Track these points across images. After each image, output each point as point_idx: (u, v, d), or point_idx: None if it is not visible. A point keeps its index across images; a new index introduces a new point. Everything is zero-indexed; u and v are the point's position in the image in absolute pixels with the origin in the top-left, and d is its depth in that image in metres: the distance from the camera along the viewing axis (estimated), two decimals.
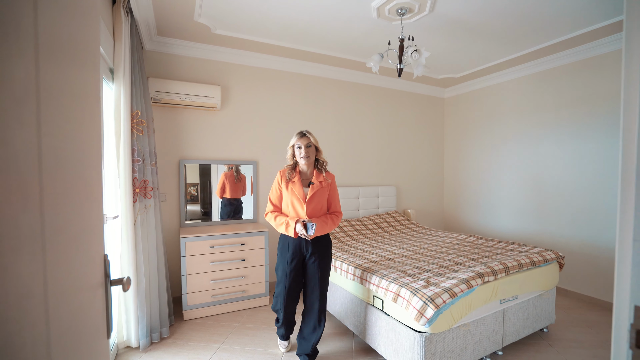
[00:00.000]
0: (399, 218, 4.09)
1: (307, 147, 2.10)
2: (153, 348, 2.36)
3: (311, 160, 2.14)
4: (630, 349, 0.46)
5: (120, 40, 2.23)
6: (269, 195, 2.25)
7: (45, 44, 0.52)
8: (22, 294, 0.45)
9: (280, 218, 2.14)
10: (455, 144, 4.83)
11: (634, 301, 0.47)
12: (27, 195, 0.46)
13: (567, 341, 2.48)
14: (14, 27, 0.43)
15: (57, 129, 0.56)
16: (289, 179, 2.14)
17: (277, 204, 2.22)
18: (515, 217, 3.97)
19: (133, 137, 2.35)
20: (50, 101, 0.54)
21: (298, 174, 2.17)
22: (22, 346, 0.45)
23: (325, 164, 2.22)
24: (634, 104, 0.46)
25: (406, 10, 2.50)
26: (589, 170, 3.25)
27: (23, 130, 0.45)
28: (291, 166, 2.18)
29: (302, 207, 2.10)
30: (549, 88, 3.59)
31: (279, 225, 2.12)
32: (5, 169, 0.41)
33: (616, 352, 0.49)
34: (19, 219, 0.44)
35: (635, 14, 0.47)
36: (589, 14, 2.61)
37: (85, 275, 0.70)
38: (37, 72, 0.49)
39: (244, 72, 3.50)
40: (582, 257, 3.30)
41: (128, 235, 2.22)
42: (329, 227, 2.13)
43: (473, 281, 1.99)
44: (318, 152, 2.18)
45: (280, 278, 2.18)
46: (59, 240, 0.56)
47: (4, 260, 0.41)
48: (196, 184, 3.30)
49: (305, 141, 2.11)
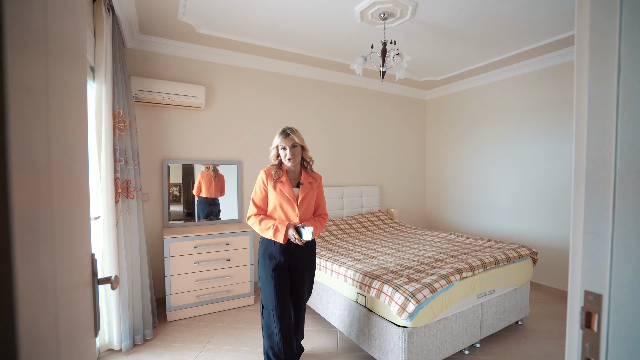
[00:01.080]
0: (382, 217, 4.17)
1: (293, 148, 1.92)
2: (136, 350, 2.33)
3: (297, 161, 1.97)
4: (581, 329, 0.53)
5: (102, 37, 2.20)
6: (252, 196, 2.02)
7: (49, 45, 0.53)
8: (33, 289, 0.46)
9: (266, 222, 1.92)
10: (437, 144, 4.97)
11: (584, 287, 0.53)
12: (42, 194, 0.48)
13: (540, 332, 2.61)
14: (26, 30, 0.45)
15: (53, 129, 0.58)
16: (276, 178, 1.95)
17: (262, 206, 2.00)
18: (493, 216, 4.13)
19: (115, 137, 2.31)
20: (50, 101, 0.55)
21: (285, 173, 1.99)
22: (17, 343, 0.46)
23: (312, 163, 2.07)
24: (583, 112, 0.53)
25: (388, 14, 2.57)
26: (561, 170, 3.43)
27: (39, 132, 0.47)
28: (276, 165, 2.01)
29: (294, 210, 1.93)
30: (526, 91, 3.76)
31: (264, 230, 1.89)
32: (29, 170, 0.43)
33: (570, 331, 0.55)
34: (38, 215, 0.46)
35: (583, 31, 0.53)
36: (563, 23, 2.76)
37: (74, 273, 0.71)
38: (47, 75, 0.50)
39: (228, 72, 3.49)
40: (554, 253, 3.47)
41: (110, 236, 2.19)
42: (318, 231, 1.98)
43: (452, 277, 2.08)
44: (304, 151, 2.00)
45: (266, 288, 1.92)
46: (52, 238, 0.58)
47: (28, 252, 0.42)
48: (179, 184, 3.27)
49: (289, 142, 1.91)
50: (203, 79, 3.36)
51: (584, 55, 0.53)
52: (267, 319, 1.93)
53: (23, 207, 0.42)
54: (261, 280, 1.95)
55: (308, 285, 2.04)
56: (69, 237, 0.65)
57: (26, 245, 0.43)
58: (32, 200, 0.46)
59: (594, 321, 0.51)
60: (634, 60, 0.49)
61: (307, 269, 2.00)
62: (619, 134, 0.50)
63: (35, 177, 0.47)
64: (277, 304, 1.88)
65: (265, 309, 1.94)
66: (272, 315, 1.89)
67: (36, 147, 0.46)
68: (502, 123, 4.02)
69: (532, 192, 3.70)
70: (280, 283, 1.90)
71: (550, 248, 3.52)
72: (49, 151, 0.51)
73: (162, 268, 3.12)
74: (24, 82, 0.44)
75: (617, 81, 0.50)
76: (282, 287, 1.90)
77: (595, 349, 0.50)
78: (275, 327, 1.89)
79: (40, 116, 0.48)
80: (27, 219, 0.45)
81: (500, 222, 4.05)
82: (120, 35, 2.58)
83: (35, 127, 0.46)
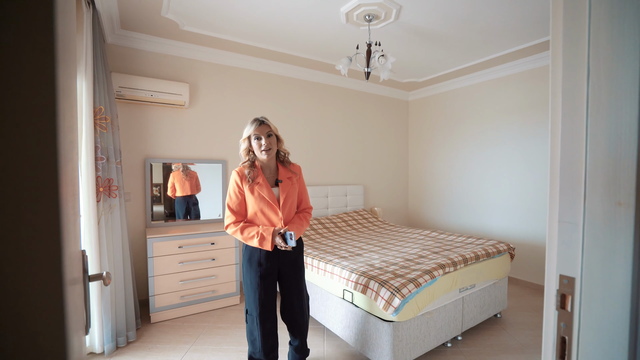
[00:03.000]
0: (366, 216, 4.24)
1: (268, 137, 1.74)
2: (119, 353, 2.28)
3: (273, 153, 1.79)
4: (557, 310, 0.58)
5: (82, 32, 2.14)
6: (227, 202, 1.83)
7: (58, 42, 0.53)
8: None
9: (249, 230, 1.76)
10: (419, 145, 5.09)
11: (559, 271, 0.58)
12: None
13: (518, 324, 2.74)
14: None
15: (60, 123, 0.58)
16: (251, 180, 1.77)
17: (240, 211, 1.82)
18: (473, 214, 4.28)
19: (96, 134, 2.25)
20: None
21: (260, 171, 1.81)
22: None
23: (287, 155, 1.90)
24: (557, 113, 0.58)
25: (373, 17, 2.62)
26: (534, 169, 3.60)
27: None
28: (248, 164, 1.80)
29: (277, 213, 1.78)
30: (505, 93, 3.91)
31: (248, 239, 1.75)
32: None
33: (547, 313, 0.60)
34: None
35: (557, 38, 0.58)
36: (538, 29, 2.90)
37: (65, 270, 0.70)
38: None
39: (213, 70, 3.46)
40: (530, 248, 3.64)
41: (91, 235, 2.14)
42: (304, 229, 1.89)
43: (435, 272, 2.15)
44: (279, 142, 1.83)
45: (249, 294, 1.83)
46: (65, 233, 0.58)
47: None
48: (159, 184, 3.20)
49: (264, 129, 1.73)
50: (187, 77, 3.31)
51: (557, 60, 0.58)
52: (251, 325, 1.86)
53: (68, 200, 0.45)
54: (246, 285, 1.85)
55: (299, 285, 1.92)
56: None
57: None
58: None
59: (567, 302, 0.56)
60: (600, 65, 0.54)
61: (297, 270, 1.90)
62: (589, 132, 0.55)
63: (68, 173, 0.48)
64: (260, 312, 1.80)
65: (249, 315, 1.86)
66: (255, 322, 1.82)
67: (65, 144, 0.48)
68: (482, 124, 4.17)
69: (510, 190, 3.85)
70: (266, 291, 1.80)
71: (525, 244, 3.68)
72: (64, 148, 0.52)
73: (145, 269, 3.06)
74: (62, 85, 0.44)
75: (586, 84, 0.55)
76: (267, 295, 1.81)
77: (569, 327, 0.55)
78: (257, 333, 1.83)
79: (49, 111, 0.49)
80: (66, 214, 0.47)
81: (479, 219, 4.20)
82: (101, 30, 2.51)
83: (66, 125, 0.47)
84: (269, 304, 1.83)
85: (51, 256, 0.48)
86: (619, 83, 0.51)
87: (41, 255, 0.47)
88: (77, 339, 0.74)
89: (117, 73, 2.86)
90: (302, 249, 1.99)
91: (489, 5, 2.49)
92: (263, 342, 1.84)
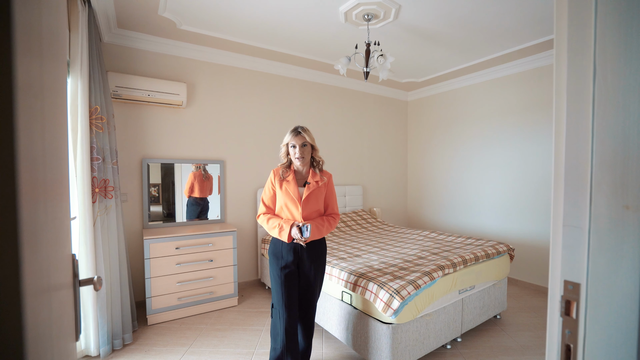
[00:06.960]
0: (365, 216, 4.22)
1: (303, 147, 1.92)
2: (115, 355, 2.25)
3: (306, 161, 1.97)
4: (561, 316, 0.56)
5: (77, 31, 2.11)
6: (262, 195, 2.06)
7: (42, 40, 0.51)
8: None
9: (273, 220, 1.95)
10: (418, 145, 5.07)
11: (563, 276, 0.56)
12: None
13: (517, 325, 2.72)
14: (27, 26, 0.42)
15: (47, 125, 0.55)
16: (282, 177, 1.97)
17: (271, 206, 2.03)
18: (473, 214, 4.26)
19: (92, 134, 2.23)
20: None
21: (293, 172, 1.99)
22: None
23: (321, 164, 2.05)
24: (562, 113, 0.56)
25: (372, 16, 2.60)
26: (535, 170, 3.58)
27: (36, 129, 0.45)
28: (285, 164, 2.02)
29: (297, 209, 1.92)
30: (505, 94, 3.90)
31: (271, 229, 1.93)
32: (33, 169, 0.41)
33: (551, 319, 0.58)
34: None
35: (561, 37, 0.56)
36: (539, 28, 2.88)
37: (55, 274, 0.68)
38: (41, 71, 0.48)
39: (210, 69, 3.43)
40: (529, 249, 3.62)
41: (87, 237, 2.11)
42: (325, 230, 1.94)
43: (435, 273, 2.13)
44: (314, 151, 2.00)
45: (274, 288, 1.94)
46: (35, 237, 0.55)
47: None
48: (158, 184, 3.18)
49: (300, 140, 1.91)
50: (184, 77, 3.29)
51: (562, 59, 0.56)
52: (275, 319, 1.93)
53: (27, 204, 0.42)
54: (272, 279, 1.96)
55: (312, 287, 1.97)
56: (50, 237, 0.63)
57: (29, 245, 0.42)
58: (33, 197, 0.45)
59: (572, 309, 0.54)
60: (607, 63, 0.52)
61: (317, 270, 1.96)
62: (595, 133, 0.53)
63: (34, 175, 0.45)
64: (284, 305, 1.88)
65: (274, 309, 1.95)
66: (279, 316, 1.90)
67: (36, 144, 0.45)
68: (481, 124, 4.15)
69: (508, 191, 3.84)
70: (288, 284, 1.89)
71: (525, 244, 3.66)
72: (43, 148, 0.50)
73: (142, 270, 3.03)
74: (26, 79, 0.42)
75: (592, 84, 0.53)
76: (290, 289, 1.89)
77: (574, 335, 0.53)
78: (281, 328, 1.89)
79: (35, 113, 0.46)
80: (30, 217, 0.44)
81: (478, 220, 4.18)
82: (97, 29, 2.48)
83: (34, 123, 0.44)
84: (292, 300, 1.90)
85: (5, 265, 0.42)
86: (627, 81, 0.49)
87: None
88: (64, 346, 0.71)
89: (114, 72, 2.83)
90: (324, 251, 2.02)
91: (488, 5, 2.47)
92: (287, 344, 1.87)
